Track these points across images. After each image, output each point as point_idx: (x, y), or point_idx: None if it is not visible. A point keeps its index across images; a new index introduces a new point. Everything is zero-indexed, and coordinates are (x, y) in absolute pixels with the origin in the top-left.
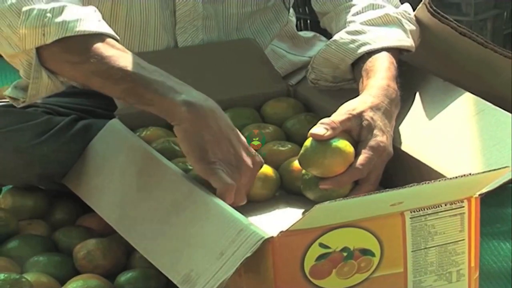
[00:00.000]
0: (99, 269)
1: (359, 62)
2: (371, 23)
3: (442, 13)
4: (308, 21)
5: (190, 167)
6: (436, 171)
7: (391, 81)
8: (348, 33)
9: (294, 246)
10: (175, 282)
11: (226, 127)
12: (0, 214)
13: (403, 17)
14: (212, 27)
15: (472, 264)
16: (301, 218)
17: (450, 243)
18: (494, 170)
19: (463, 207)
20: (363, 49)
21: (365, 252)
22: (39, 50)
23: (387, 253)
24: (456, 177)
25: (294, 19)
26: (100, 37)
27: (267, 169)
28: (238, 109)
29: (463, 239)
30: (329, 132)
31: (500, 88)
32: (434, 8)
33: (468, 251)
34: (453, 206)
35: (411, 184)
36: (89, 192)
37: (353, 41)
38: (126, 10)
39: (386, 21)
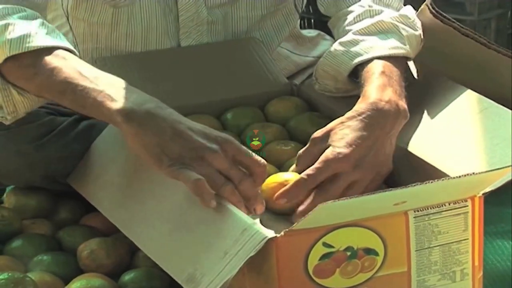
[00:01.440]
0: (103, 268)
1: (358, 73)
2: (365, 32)
3: (444, 14)
4: (312, 20)
5: None
6: (439, 170)
7: (379, 92)
8: (341, 44)
9: (297, 246)
10: (179, 281)
11: (168, 124)
12: (4, 213)
13: (400, 22)
14: (218, 32)
15: (476, 263)
16: (304, 217)
17: (454, 242)
18: (498, 169)
19: (467, 206)
20: (356, 61)
21: (369, 251)
22: None
23: (391, 253)
24: (460, 176)
25: (298, 19)
26: (47, 50)
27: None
28: (242, 108)
29: (467, 238)
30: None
31: (503, 89)
32: (437, 9)
33: (472, 250)
34: (457, 205)
35: (414, 184)
36: (93, 191)
37: (345, 53)
38: (127, 17)
39: (380, 29)
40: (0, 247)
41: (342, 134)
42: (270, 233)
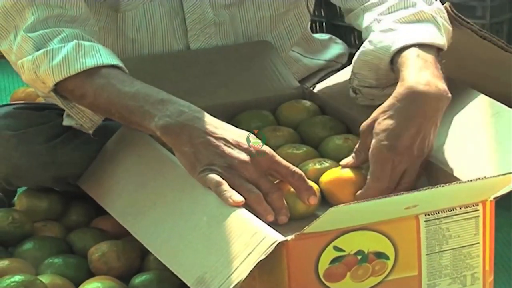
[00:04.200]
0: (114, 271)
1: (396, 60)
2: (404, 20)
3: (463, 17)
4: (324, 24)
5: None
6: (450, 174)
7: (412, 75)
8: (382, 31)
9: (308, 249)
10: (188, 284)
11: (202, 135)
12: (15, 216)
13: (437, 15)
14: (227, 33)
15: (487, 268)
16: (315, 221)
17: (465, 246)
18: (509, 173)
19: (478, 210)
20: (396, 46)
21: (380, 255)
22: (55, 91)
23: (402, 256)
24: (471, 181)
25: (309, 20)
26: (87, 72)
27: None
28: (253, 111)
29: (478, 243)
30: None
31: None
32: (455, 11)
33: (483, 255)
34: (468, 209)
35: (425, 187)
36: (103, 194)
37: (386, 39)
38: (132, 22)
39: (420, 18)
40: (11, 249)
41: (386, 124)
42: (280, 237)
